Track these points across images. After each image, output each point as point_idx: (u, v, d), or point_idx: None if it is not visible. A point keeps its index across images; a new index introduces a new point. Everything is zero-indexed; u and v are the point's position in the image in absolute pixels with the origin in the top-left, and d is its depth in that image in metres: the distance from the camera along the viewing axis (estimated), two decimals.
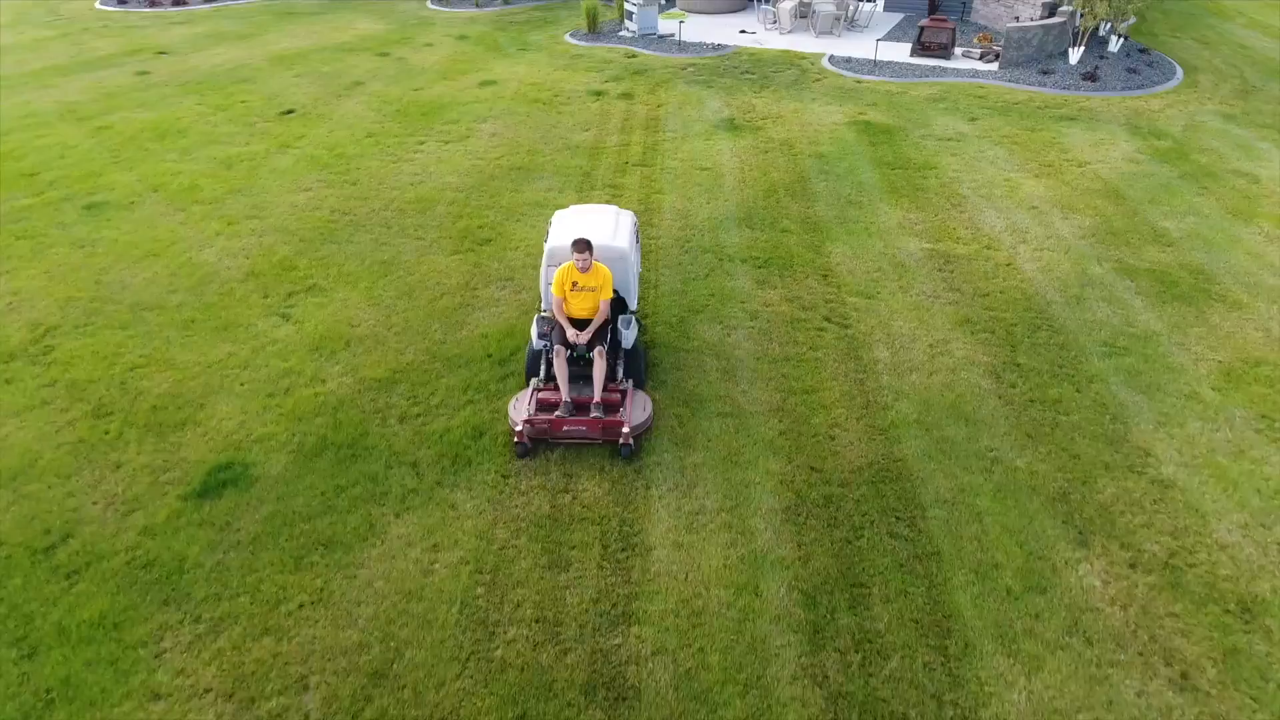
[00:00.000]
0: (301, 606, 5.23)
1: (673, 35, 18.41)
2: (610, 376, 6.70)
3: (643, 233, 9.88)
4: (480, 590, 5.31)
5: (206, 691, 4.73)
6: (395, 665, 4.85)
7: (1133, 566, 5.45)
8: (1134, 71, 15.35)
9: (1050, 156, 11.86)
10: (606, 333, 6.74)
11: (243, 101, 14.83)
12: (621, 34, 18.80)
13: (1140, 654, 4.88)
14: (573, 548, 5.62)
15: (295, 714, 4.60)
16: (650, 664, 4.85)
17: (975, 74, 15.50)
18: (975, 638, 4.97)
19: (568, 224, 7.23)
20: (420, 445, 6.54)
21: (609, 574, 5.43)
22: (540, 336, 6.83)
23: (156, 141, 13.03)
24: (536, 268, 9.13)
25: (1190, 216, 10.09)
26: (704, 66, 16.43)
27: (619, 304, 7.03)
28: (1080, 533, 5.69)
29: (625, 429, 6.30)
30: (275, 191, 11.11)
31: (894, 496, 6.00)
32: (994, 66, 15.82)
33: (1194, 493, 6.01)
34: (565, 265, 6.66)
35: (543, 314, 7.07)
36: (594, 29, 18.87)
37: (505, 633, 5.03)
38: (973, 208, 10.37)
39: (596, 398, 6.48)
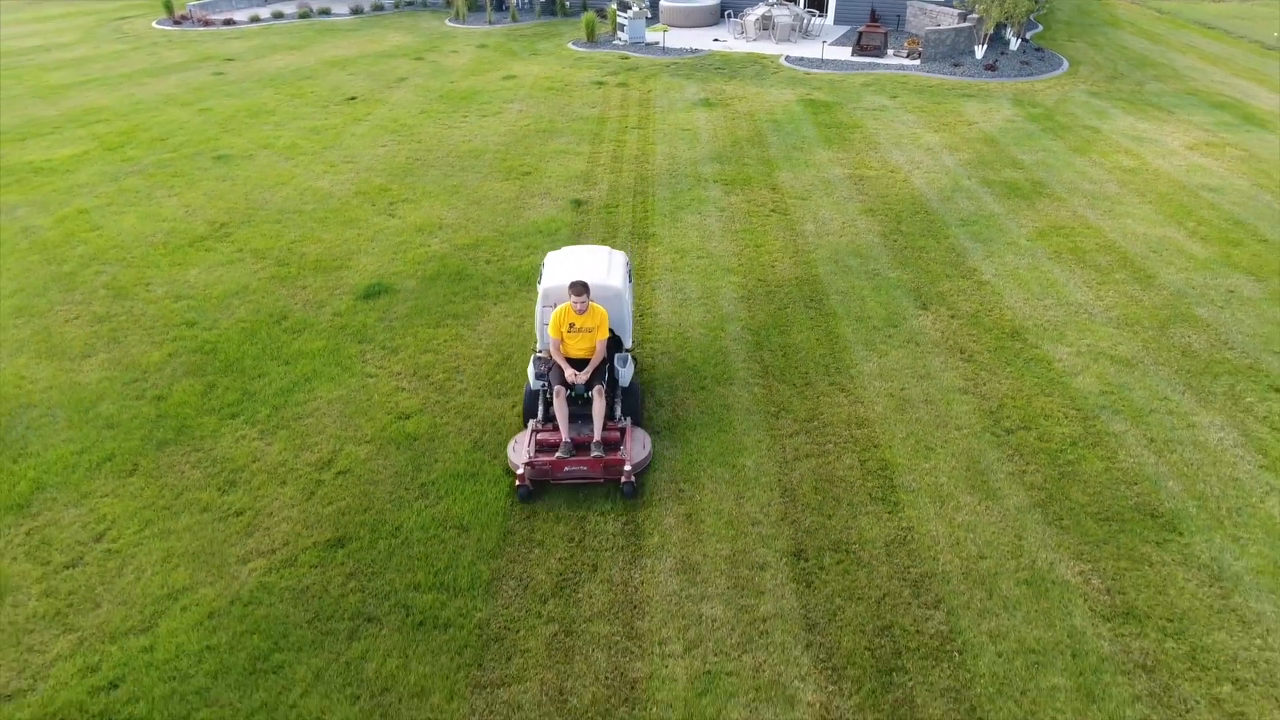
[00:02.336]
0: (446, 341, 8.53)
1: (658, 42, 22.14)
2: (609, 414, 6.75)
3: (645, 163, 13.37)
4: None
5: (399, 373, 8.01)
6: (509, 360, 8.16)
7: (952, 317, 8.86)
8: (1027, 64, 19.17)
9: (949, 119, 15.51)
10: (604, 371, 6.78)
11: (311, 92, 18.28)
12: (615, 42, 22.51)
13: (946, 349, 8.27)
14: None
15: (455, 381, 7.88)
16: (658, 359, 8.18)
17: (902, 67, 19.25)
18: (850, 343, 8.36)
19: (561, 265, 7.28)
20: (502, 274, 9.89)
21: (633, 323, 8.75)
22: (538, 377, 6.79)
23: (252, 118, 16.42)
24: (566, 188, 12.57)
25: (1041, 152, 13.71)
26: (684, 64, 20.11)
27: (614, 342, 7.01)
28: (923, 304, 9.11)
29: (627, 467, 6.34)
30: (359, 147, 14.50)
31: (810, 290, 9.40)
32: (917, 62, 19.59)
33: (998, 286, 9.45)
34: (562, 306, 6.70)
35: (538, 354, 7.03)
36: (592, 38, 22.58)
37: None
38: (884, 150, 13.93)
39: (597, 436, 6.51)
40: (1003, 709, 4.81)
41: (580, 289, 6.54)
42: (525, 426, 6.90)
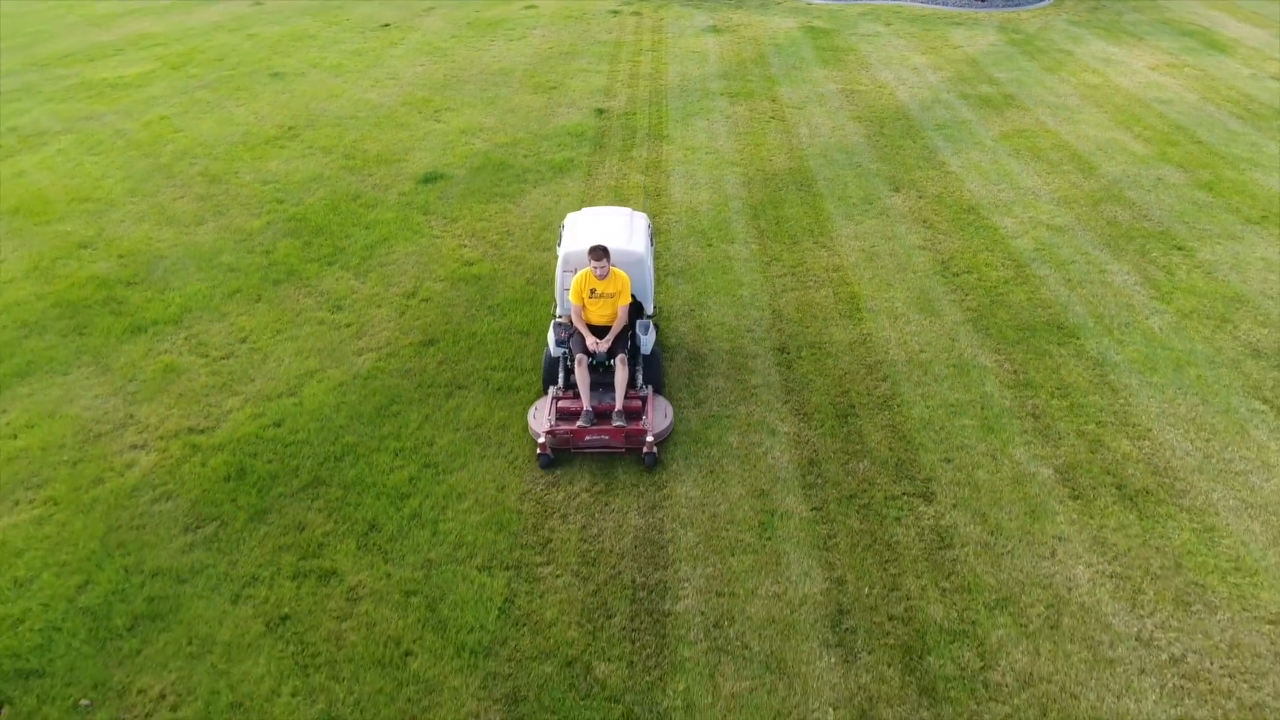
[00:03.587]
0: (496, 213, 10.25)
1: None
2: (630, 383, 6.71)
3: (658, 80, 14.88)
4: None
5: (460, 235, 9.75)
6: (550, 226, 9.87)
7: (919, 197, 10.52)
8: None
9: (936, 44, 16.92)
10: (626, 339, 6.75)
11: (347, 19, 19.68)
12: None
13: (911, 219, 9.95)
14: (628, 191, 10.63)
15: (507, 240, 9.59)
16: (672, 226, 9.87)
17: None
18: (832, 215, 10.05)
19: (581, 227, 7.23)
20: (539, 165, 11.55)
21: (650, 199, 10.43)
22: (558, 343, 6.76)
23: (296, 43, 17.88)
24: (589, 100, 14.11)
25: (1016, 71, 15.18)
26: None
27: (636, 308, 6.94)
28: (896, 187, 10.77)
29: (649, 437, 6.31)
30: (399, 66, 16.02)
31: (801, 179, 11.06)
32: None
33: (962, 175, 11.09)
34: (583, 272, 6.64)
35: (559, 320, 7.02)
36: None
37: None
38: (875, 70, 15.40)
39: (618, 406, 6.47)
40: (925, 436, 6.62)
41: (600, 254, 6.47)
42: (545, 393, 6.87)
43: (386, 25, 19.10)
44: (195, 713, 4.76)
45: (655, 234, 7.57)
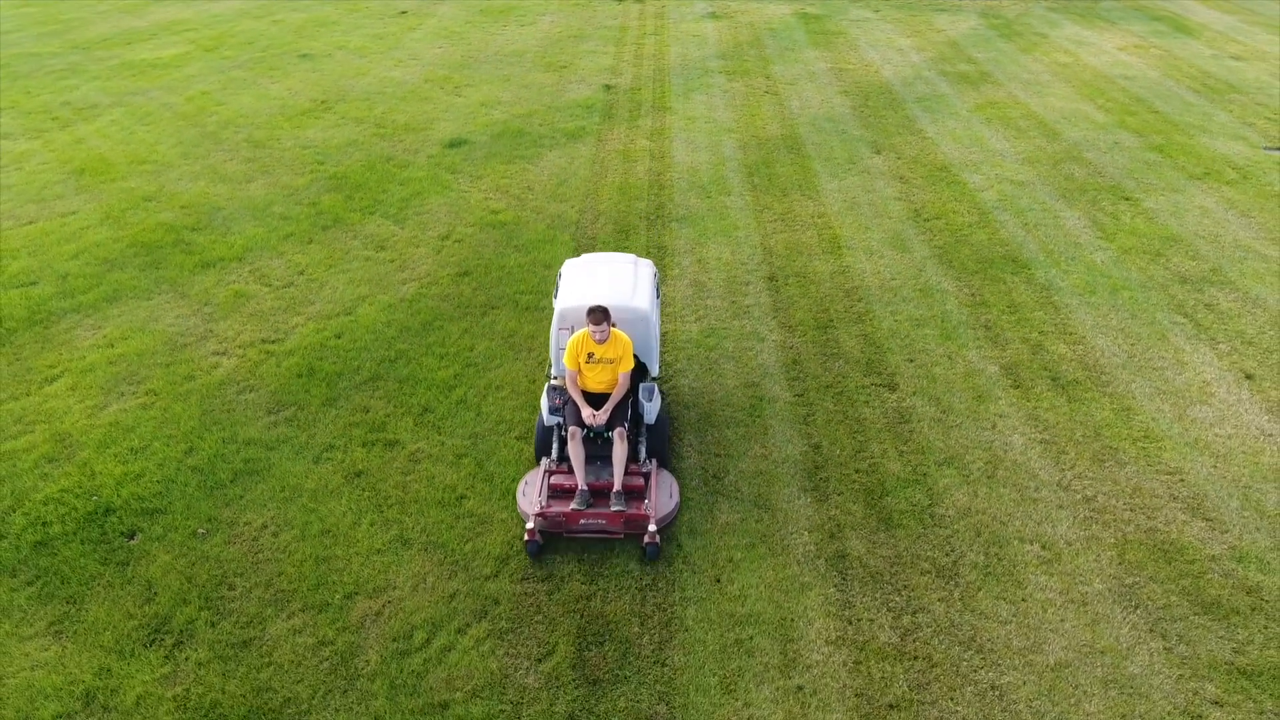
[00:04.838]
0: (517, 172, 11.37)
1: None
2: (632, 456, 6.09)
3: (661, 60, 16.01)
4: (596, 169, 11.41)
5: (485, 189, 10.85)
6: (566, 182, 10.99)
7: (898, 158, 11.64)
8: None
9: (920, 28, 18.07)
10: (627, 408, 6.08)
11: (366, 6, 20.81)
12: None
13: (890, 176, 11.08)
14: (635, 154, 11.74)
15: (528, 194, 10.71)
16: (675, 182, 10.98)
17: None
18: (818, 173, 11.17)
19: (579, 278, 6.51)
20: (553, 132, 12.67)
21: (654, 160, 11.55)
22: (552, 411, 6.08)
23: (319, 28, 19.00)
24: (597, 77, 15.23)
25: (994, 52, 16.31)
26: None
27: (639, 371, 6.27)
28: (877, 150, 11.90)
29: (652, 526, 5.66)
30: (419, 48, 17.14)
31: (792, 144, 12.19)
32: None
33: (938, 140, 12.21)
34: (580, 333, 5.96)
35: (554, 383, 6.31)
36: None
37: (610, 182, 11.15)
38: (863, 51, 16.54)
39: (617, 486, 5.85)
40: (893, 342, 7.76)
41: (600, 316, 5.81)
42: (537, 464, 6.20)
43: (404, 12, 20.23)
44: (293, 537, 5.89)
45: (661, 278, 6.99)
